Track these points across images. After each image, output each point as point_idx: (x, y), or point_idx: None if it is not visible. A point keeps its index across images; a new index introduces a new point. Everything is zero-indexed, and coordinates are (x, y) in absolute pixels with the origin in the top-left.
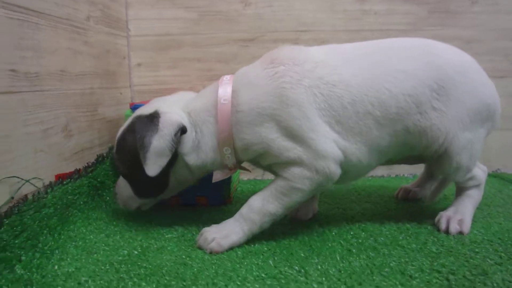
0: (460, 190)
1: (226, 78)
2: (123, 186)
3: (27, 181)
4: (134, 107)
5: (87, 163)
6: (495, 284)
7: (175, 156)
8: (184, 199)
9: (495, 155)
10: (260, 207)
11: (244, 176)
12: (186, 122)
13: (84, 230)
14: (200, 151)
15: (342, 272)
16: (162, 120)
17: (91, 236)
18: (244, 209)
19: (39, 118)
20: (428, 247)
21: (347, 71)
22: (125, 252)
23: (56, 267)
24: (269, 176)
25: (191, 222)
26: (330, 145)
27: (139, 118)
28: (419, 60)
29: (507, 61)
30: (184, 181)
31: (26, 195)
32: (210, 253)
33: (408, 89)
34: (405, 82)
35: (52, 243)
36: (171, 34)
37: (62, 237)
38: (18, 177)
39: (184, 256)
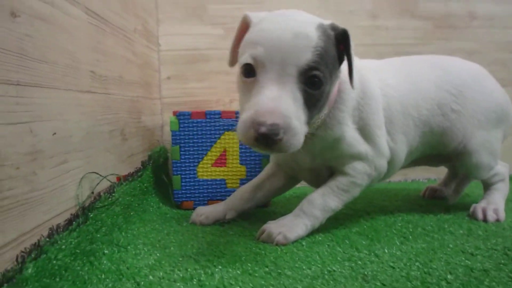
0: (487, 186)
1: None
2: (296, 110)
3: (104, 177)
4: (179, 114)
5: (135, 167)
6: None
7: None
8: None
9: None
10: (323, 203)
11: None
12: None
13: (143, 230)
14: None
15: (408, 253)
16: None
17: (153, 235)
18: (304, 206)
19: (107, 119)
20: (474, 232)
21: (395, 77)
22: (195, 245)
23: (135, 261)
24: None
25: (238, 223)
26: (386, 145)
27: (345, 31)
28: (439, 69)
29: (505, 71)
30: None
31: (99, 193)
32: (276, 245)
33: (432, 93)
34: (430, 88)
35: (122, 239)
36: (199, 48)
37: (129, 235)
38: (97, 174)
39: (254, 247)
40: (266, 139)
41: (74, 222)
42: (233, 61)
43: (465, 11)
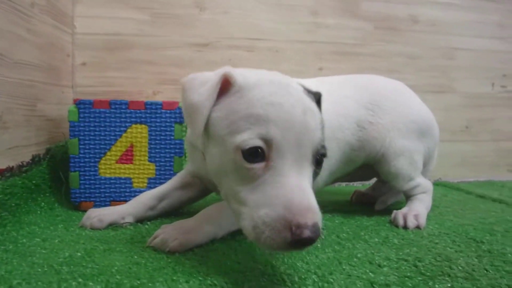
0: (409, 196)
1: None
2: None
3: None
4: (79, 103)
5: (21, 161)
6: (460, 267)
7: None
8: None
9: (435, 165)
10: (230, 214)
11: None
12: None
13: (15, 234)
14: None
15: (310, 264)
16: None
17: (24, 240)
18: (211, 211)
19: None
20: (390, 240)
21: (326, 99)
22: (66, 254)
23: None
24: None
25: (140, 226)
26: None
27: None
28: (360, 87)
29: (444, 77)
30: None
31: None
32: (168, 252)
33: (352, 111)
34: (351, 106)
35: None
36: (121, 34)
37: None
38: None
39: (136, 256)
40: (310, 243)
41: None
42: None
43: (406, 14)
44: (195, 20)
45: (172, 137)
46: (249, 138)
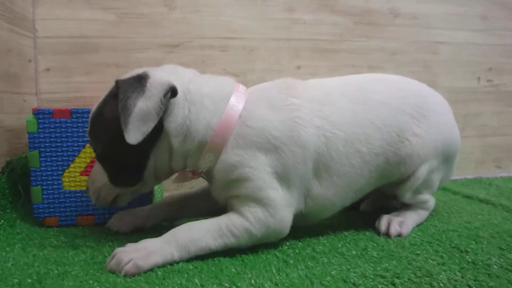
0: (408, 206)
1: (242, 87)
2: (97, 173)
3: None
4: (37, 112)
5: None
6: (441, 284)
7: (159, 132)
8: (97, 218)
9: None
10: (201, 237)
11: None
12: (178, 89)
13: None
14: (188, 136)
15: (279, 285)
16: (151, 80)
17: None
18: (180, 232)
19: None
20: (369, 252)
21: (344, 109)
22: (16, 281)
23: None
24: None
25: (104, 243)
26: (297, 196)
27: (124, 80)
28: (402, 92)
29: (427, 72)
30: (161, 171)
31: None
32: (125, 275)
33: (390, 119)
34: (388, 113)
35: None
36: (86, 36)
37: None
38: None
39: (91, 281)
40: None
41: None
42: None
43: (386, 8)
44: (164, 20)
45: None
46: None
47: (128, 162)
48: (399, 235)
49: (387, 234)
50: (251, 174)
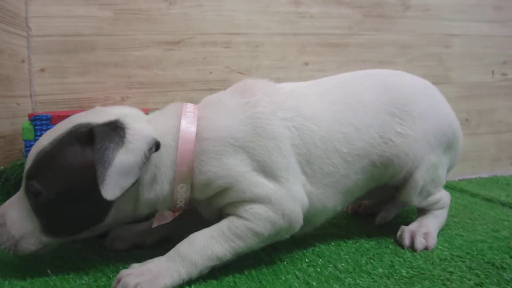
0: (424, 212)
1: (190, 105)
2: (20, 218)
3: None
4: (34, 119)
5: None
6: None
7: None
8: None
9: None
10: (205, 246)
11: None
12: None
13: None
14: (156, 183)
15: None
16: (131, 131)
17: None
18: (182, 247)
19: None
20: (397, 270)
21: (316, 104)
22: None
23: None
24: None
25: (106, 261)
26: (300, 189)
27: (95, 126)
28: (377, 88)
29: (440, 67)
30: (118, 220)
31: None
32: None
33: (370, 119)
34: (365, 113)
35: None
36: (82, 34)
37: None
38: None
39: None
40: None
41: None
42: None
43: (397, 0)
44: (163, 15)
45: None
46: None
47: (81, 214)
48: (425, 248)
49: (411, 248)
50: (229, 181)
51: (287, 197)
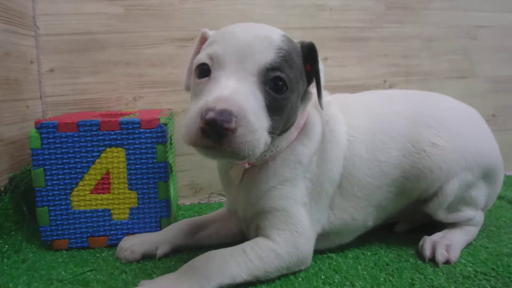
0: (453, 224)
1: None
2: (259, 111)
3: None
4: (40, 126)
5: None
6: None
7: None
8: (110, 239)
9: None
10: (222, 264)
11: (184, 200)
12: None
13: None
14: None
15: None
16: None
17: None
18: (199, 262)
19: None
20: None
21: (361, 115)
22: None
23: None
24: (216, 198)
25: (116, 276)
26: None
27: (312, 45)
28: (415, 103)
29: (466, 60)
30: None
31: None
32: None
33: (403, 129)
34: (399, 123)
35: None
36: (91, 32)
37: None
38: None
39: None
40: (215, 126)
41: None
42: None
43: None
44: (175, 11)
45: (154, 160)
46: (200, 57)
47: (291, 111)
48: (447, 261)
49: (433, 260)
50: (294, 183)
51: (316, 223)
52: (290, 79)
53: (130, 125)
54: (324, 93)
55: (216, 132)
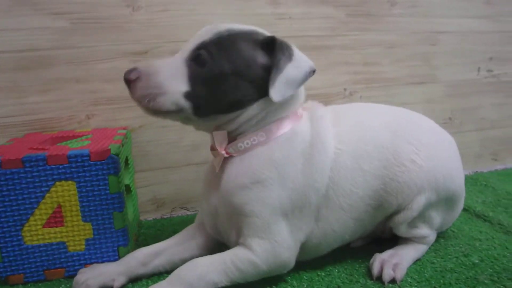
0: (406, 240)
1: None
2: (173, 76)
3: None
4: None
5: None
6: None
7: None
8: (68, 270)
9: None
10: (205, 272)
11: (147, 215)
12: None
13: None
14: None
15: None
16: (297, 53)
17: None
18: (183, 271)
19: None
20: None
21: (346, 126)
22: None
23: None
24: (179, 212)
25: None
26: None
27: (276, 38)
28: (402, 119)
29: (426, 66)
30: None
31: None
32: None
33: (387, 141)
34: (383, 135)
35: None
36: (37, 48)
37: None
38: None
39: None
40: (124, 78)
41: None
42: None
43: None
44: (127, 23)
45: (107, 192)
46: None
47: (227, 94)
48: (393, 280)
49: (380, 279)
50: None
51: (297, 233)
52: (213, 56)
53: (79, 158)
54: (318, 105)
55: (125, 82)
